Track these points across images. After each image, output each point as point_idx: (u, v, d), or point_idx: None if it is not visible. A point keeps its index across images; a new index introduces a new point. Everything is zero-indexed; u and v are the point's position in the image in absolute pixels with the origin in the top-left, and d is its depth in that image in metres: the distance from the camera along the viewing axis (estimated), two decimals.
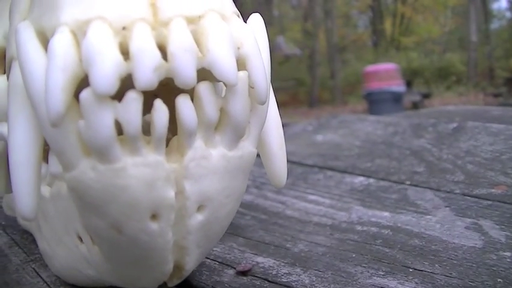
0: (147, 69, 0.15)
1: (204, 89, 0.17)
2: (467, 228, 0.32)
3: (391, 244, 0.30)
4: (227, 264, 0.29)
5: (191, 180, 0.18)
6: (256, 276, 0.27)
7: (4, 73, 0.24)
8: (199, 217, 0.19)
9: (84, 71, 0.15)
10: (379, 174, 0.46)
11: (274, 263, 0.29)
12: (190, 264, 0.21)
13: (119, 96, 0.15)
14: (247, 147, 0.20)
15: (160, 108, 0.16)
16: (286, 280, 0.27)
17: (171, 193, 0.17)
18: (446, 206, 0.36)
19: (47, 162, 0.22)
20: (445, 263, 0.27)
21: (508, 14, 10.40)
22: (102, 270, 0.21)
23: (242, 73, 0.18)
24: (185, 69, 0.16)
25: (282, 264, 0.29)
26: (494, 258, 0.27)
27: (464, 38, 9.25)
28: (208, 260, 0.30)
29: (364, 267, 0.28)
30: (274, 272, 0.28)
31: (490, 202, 0.36)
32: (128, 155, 0.16)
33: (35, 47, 0.17)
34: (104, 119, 0.15)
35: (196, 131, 0.18)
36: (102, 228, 0.18)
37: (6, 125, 0.22)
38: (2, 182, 0.25)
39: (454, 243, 0.30)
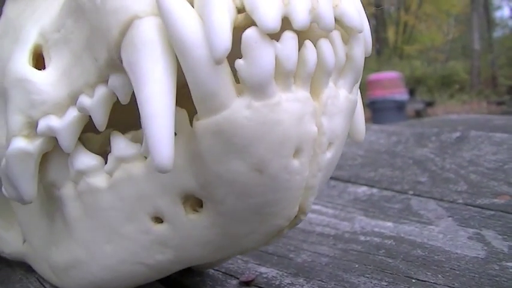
0: (304, 11, 0.17)
1: (337, 35, 0.20)
2: (470, 239, 0.32)
3: (394, 254, 0.30)
4: (230, 275, 0.29)
5: (327, 117, 0.19)
6: (259, 287, 0.27)
7: (39, 70, 0.24)
8: (328, 154, 0.20)
9: (248, 13, 0.17)
10: (382, 183, 0.46)
11: (277, 273, 0.29)
12: (310, 206, 0.21)
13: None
14: (355, 93, 0.22)
15: (310, 47, 0.18)
16: None
17: (314, 128, 0.19)
18: (449, 216, 0.36)
19: (99, 154, 0.23)
20: (447, 274, 0.27)
21: (511, 22, 10.44)
22: (190, 243, 0.21)
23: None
24: (328, 15, 0.18)
25: (285, 274, 0.29)
26: (497, 268, 0.27)
27: (467, 46, 9.28)
28: (212, 271, 0.30)
29: (367, 277, 0.28)
30: (277, 283, 0.28)
31: (492, 212, 0.36)
32: (281, 91, 0.18)
33: None
34: (266, 54, 0.17)
35: (332, 71, 0.19)
36: (241, 171, 0.18)
37: (53, 117, 0.22)
38: (35, 186, 0.24)
39: (456, 253, 0.30)
